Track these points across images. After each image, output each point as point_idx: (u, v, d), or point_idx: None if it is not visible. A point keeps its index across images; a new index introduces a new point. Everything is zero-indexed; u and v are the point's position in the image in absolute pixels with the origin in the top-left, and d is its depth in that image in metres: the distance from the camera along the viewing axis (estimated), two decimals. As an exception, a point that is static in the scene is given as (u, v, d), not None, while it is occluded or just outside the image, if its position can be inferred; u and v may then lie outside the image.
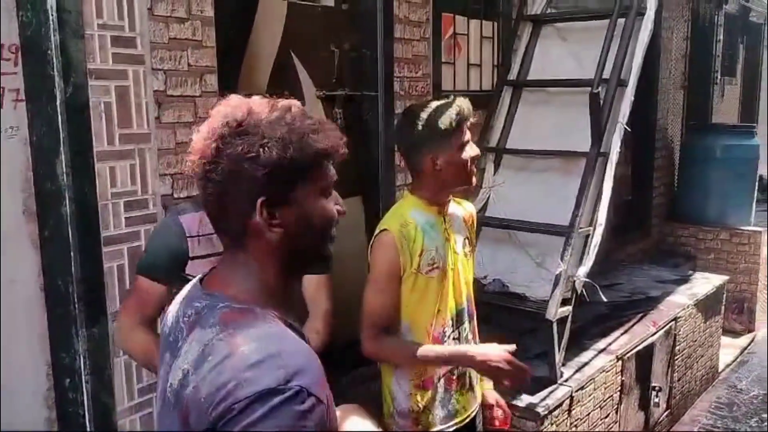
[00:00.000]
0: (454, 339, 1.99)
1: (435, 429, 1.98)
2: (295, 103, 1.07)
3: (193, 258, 1.80)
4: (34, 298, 1.99)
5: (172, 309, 1.11)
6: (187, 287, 1.12)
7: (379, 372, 2.06)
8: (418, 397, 1.96)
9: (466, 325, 2.04)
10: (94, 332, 1.99)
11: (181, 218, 1.81)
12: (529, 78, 3.49)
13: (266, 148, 0.97)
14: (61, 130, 1.88)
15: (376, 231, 1.92)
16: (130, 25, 2.03)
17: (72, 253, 1.93)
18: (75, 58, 1.89)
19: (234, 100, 1.06)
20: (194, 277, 1.29)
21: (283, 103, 1.06)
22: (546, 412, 2.72)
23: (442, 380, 1.99)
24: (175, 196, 2.19)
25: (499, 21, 3.81)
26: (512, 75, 3.50)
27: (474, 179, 1.99)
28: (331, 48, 2.98)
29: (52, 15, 1.84)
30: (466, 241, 2.06)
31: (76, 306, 1.96)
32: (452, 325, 1.98)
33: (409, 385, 1.96)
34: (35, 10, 1.85)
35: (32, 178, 1.95)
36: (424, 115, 1.87)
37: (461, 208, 2.09)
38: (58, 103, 1.87)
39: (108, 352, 2.03)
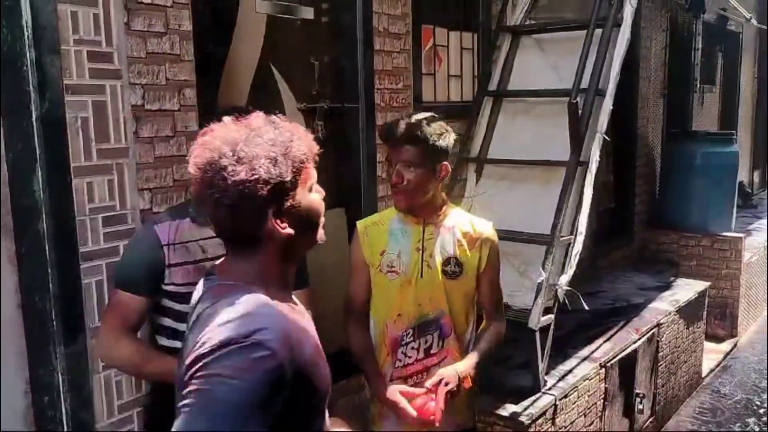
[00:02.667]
0: (412, 348, 2.03)
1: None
2: (271, 119, 1.21)
3: (170, 266, 1.82)
4: (12, 316, 1.97)
5: (197, 292, 1.26)
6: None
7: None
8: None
9: (433, 339, 2.04)
10: (73, 349, 1.97)
11: (156, 228, 1.84)
12: (508, 88, 3.53)
13: (264, 169, 1.11)
14: (37, 146, 1.87)
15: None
16: (107, 40, 2.02)
17: (49, 270, 1.92)
18: (51, 73, 1.88)
19: (218, 129, 1.17)
20: (175, 284, 1.73)
21: (257, 122, 1.19)
22: (530, 421, 2.73)
23: (396, 382, 2.04)
24: (154, 210, 2.18)
25: (479, 32, 3.84)
26: (492, 85, 3.53)
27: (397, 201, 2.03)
28: (311, 61, 2.98)
29: (28, 30, 1.83)
30: (452, 260, 2.01)
31: (54, 323, 1.94)
32: (413, 334, 2.03)
33: None
34: (10, 25, 1.84)
35: (8, 194, 1.93)
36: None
37: (467, 227, 2.05)
38: (34, 118, 1.86)
39: (87, 369, 2.01)
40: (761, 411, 4.41)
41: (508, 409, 2.79)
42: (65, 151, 1.93)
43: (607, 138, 3.08)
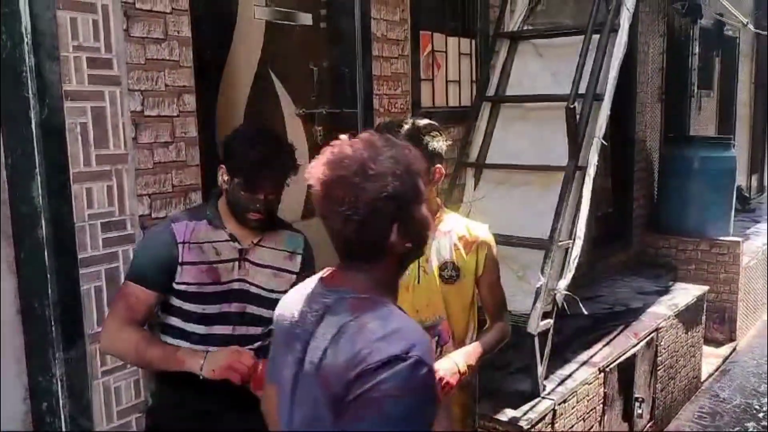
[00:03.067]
0: None
1: None
2: (386, 137, 1.28)
3: (183, 264, 1.84)
4: (11, 321, 1.97)
5: (294, 306, 1.32)
6: (307, 287, 1.35)
7: None
8: None
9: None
10: (72, 355, 1.97)
11: (173, 226, 1.86)
12: (507, 93, 3.53)
13: (392, 185, 1.18)
14: (36, 152, 1.88)
15: None
16: (106, 46, 2.03)
17: (48, 276, 1.92)
18: (50, 80, 1.89)
19: (341, 148, 1.23)
20: (186, 283, 1.82)
21: (376, 140, 1.25)
22: (529, 426, 2.72)
23: None
24: (153, 216, 2.19)
25: (477, 38, 3.85)
26: (490, 91, 3.54)
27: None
28: (310, 66, 2.99)
29: (27, 37, 1.84)
30: (448, 265, 2.02)
31: (53, 329, 1.94)
32: None
33: None
34: (10, 32, 1.85)
35: (8, 200, 1.94)
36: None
37: (462, 231, 2.04)
38: (33, 124, 1.87)
39: (86, 375, 2.02)
40: (760, 415, 4.41)
41: (507, 414, 2.78)
42: (64, 157, 1.94)
43: (605, 143, 3.09)
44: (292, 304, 1.35)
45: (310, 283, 1.36)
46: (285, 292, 2.01)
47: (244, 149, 1.81)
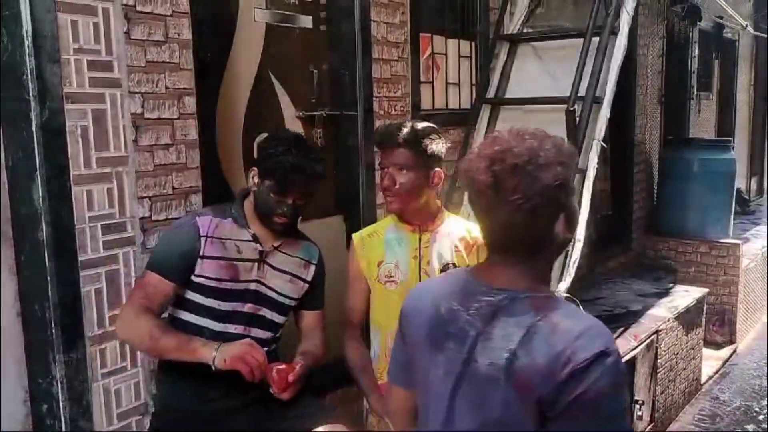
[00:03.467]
0: None
1: None
2: (542, 130, 1.26)
3: (203, 257, 1.88)
4: (11, 324, 1.97)
5: (434, 303, 1.29)
6: (447, 283, 1.33)
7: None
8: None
9: None
10: (72, 357, 1.97)
11: (198, 219, 1.93)
12: (506, 96, 3.54)
13: (561, 174, 1.19)
14: (37, 155, 1.88)
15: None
16: (107, 48, 2.03)
17: (49, 278, 1.92)
18: (51, 82, 1.89)
19: (502, 140, 1.22)
20: (205, 277, 1.88)
21: (532, 132, 1.24)
22: (529, 429, 2.72)
23: None
24: (153, 218, 2.19)
25: (477, 40, 3.86)
26: (490, 93, 3.54)
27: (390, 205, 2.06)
28: (310, 69, 3.00)
29: (28, 39, 1.84)
30: (449, 266, 2.03)
31: (54, 331, 1.94)
32: None
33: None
34: (11, 34, 1.85)
35: (8, 202, 1.94)
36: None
37: (462, 232, 2.06)
38: (34, 127, 1.87)
39: (86, 378, 2.01)
40: (760, 417, 4.41)
41: None
42: (65, 160, 1.94)
43: (604, 145, 3.10)
44: (429, 301, 1.31)
45: (451, 279, 1.36)
46: (297, 299, 2.05)
47: (280, 153, 1.87)
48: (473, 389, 1.21)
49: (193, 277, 1.90)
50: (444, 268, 2.01)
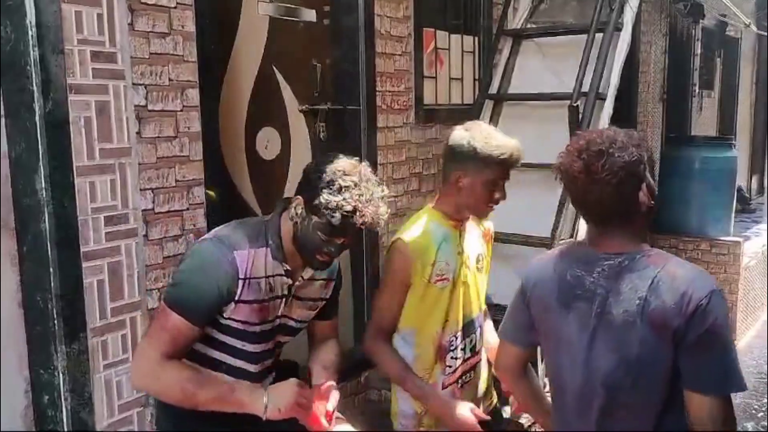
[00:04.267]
0: (461, 349, 2.04)
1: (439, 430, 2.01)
2: (614, 127, 1.59)
3: (239, 301, 1.65)
4: (13, 315, 1.97)
5: (555, 275, 1.56)
6: (560, 260, 1.59)
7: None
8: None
9: (475, 335, 2.09)
10: (74, 349, 1.97)
11: (236, 255, 1.64)
12: (509, 92, 3.53)
13: (637, 152, 1.48)
14: (40, 145, 1.87)
15: (394, 239, 1.96)
16: (111, 40, 2.03)
17: (51, 269, 1.92)
18: (54, 73, 1.88)
19: (593, 132, 1.57)
20: (235, 320, 1.67)
21: (610, 127, 1.59)
22: (530, 422, 2.72)
23: (448, 389, 2.02)
24: (156, 210, 2.19)
25: (480, 36, 3.85)
26: (493, 89, 3.54)
27: (487, 215, 2.04)
28: (314, 62, 2.99)
29: (32, 30, 1.84)
30: (480, 256, 2.08)
31: (55, 322, 1.94)
32: (461, 337, 2.03)
33: None
34: (14, 24, 1.84)
35: (11, 193, 1.94)
36: (480, 134, 1.89)
37: (477, 223, 2.11)
38: (37, 118, 1.86)
39: (88, 369, 2.01)
40: (760, 415, 4.41)
41: (507, 411, 2.78)
42: (68, 151, 1.93)
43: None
44: (554, 271, 1.58)
45: (565, 251, 1.62)
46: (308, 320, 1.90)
47: (337, 190, 1.61)
48: (610, 336, 1.47)
49: (220, 319, 1.67)
50: (477, 259, 2.05)
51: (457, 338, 2.02)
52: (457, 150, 1.89)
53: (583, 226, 2.95)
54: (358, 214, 1.61)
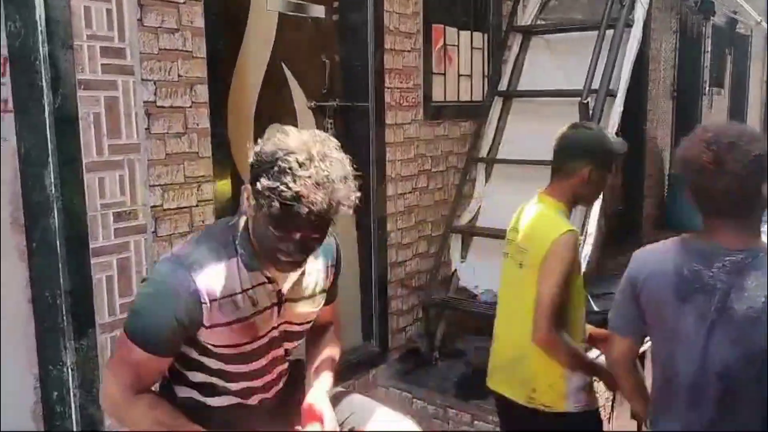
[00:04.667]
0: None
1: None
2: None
3: (211, 327, 1.41)
4: (22, 311, 1.97)
5: (670, 269, 1.57)
6: (674, 254, 1.60)
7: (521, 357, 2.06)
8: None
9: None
10: (83, 345, 1.97)
11: (195, 278, 1.38)
12: (519, 88, 3.51)
13: (763, 147, 1.47)
14: (49, 141, 1.87)
15: (561, 230, 1.96)
16: (120, 35, 2.02)
17: (60, 265, 1.92)
18: (64, 68, 1.88)
19: (717, 125, 1.59)
20: (215, 345, 1.43)
21: (728, 122, 1.62)
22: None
23: None
24: (165, 207, 2.18)
25: (489, 32, 3.83)
26: (502, 86, 3.52)
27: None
28: (322, 59, 2.98)
29: (41, 26, 1.84)
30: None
31: (64, 318, 1.94)
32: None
33: None
34: (24, 20, 1.84)
35: (20, 188, 1.94)
36: (603, 132, 2.12)
37: None
38: (46, 113, 1.86)
39: (96, 365, 2.01)
40: None
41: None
42: (77, 147, 1.93)
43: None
44: (670, 265, 1.57)
45: (678, 245, 1.62)
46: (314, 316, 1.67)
47: (278, 172, 1.32)
48: (731, 330, 1.48)
49: (200, 340, 1.44)
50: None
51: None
52: (590, 146, 2.02)
53: (591, 223, 2.93)
54: (303, 200, 1.28)
